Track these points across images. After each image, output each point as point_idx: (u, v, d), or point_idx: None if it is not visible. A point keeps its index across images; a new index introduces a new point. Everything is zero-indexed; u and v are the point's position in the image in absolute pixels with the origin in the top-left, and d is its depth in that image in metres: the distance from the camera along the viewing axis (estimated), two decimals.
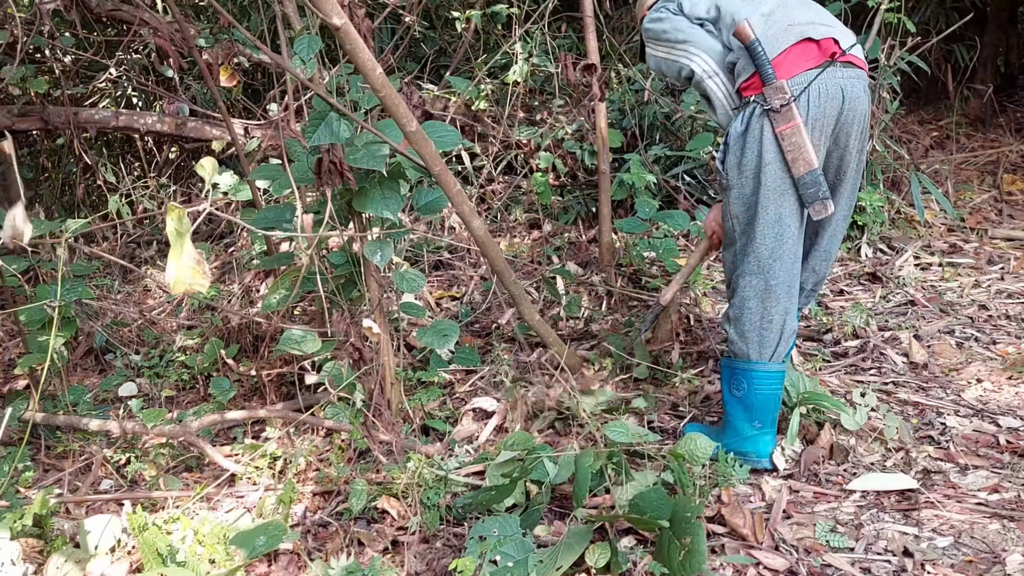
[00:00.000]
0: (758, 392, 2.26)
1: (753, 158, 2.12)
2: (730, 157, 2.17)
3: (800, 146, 2.07)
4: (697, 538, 1.77)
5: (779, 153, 2.09)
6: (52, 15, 3.93)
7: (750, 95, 2.12)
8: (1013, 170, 4.65)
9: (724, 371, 2.33)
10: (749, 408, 2.27)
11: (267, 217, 2.53)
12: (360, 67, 1.91)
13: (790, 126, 2.06)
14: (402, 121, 2.04)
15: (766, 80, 2.07)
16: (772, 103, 2.06)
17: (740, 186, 2.17)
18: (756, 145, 2.11)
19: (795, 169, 2.09)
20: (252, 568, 2.04)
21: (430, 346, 2.61)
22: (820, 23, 2.16)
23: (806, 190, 2.11)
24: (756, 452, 2.28)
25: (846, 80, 2.12)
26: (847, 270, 3.72)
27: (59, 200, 5.03)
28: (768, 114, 2.07)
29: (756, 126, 2.10)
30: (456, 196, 2.28)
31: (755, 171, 2.13)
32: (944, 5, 5.14)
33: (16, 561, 1.84)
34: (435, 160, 2.17)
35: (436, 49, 4.93)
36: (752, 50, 2.08)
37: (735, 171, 2.17)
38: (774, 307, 2.22)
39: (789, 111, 2.06)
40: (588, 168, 4.30)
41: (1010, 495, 2.09)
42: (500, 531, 1.89)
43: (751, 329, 2.24)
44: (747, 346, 2.25)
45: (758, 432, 2.28)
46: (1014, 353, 2.86)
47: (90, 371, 3.37)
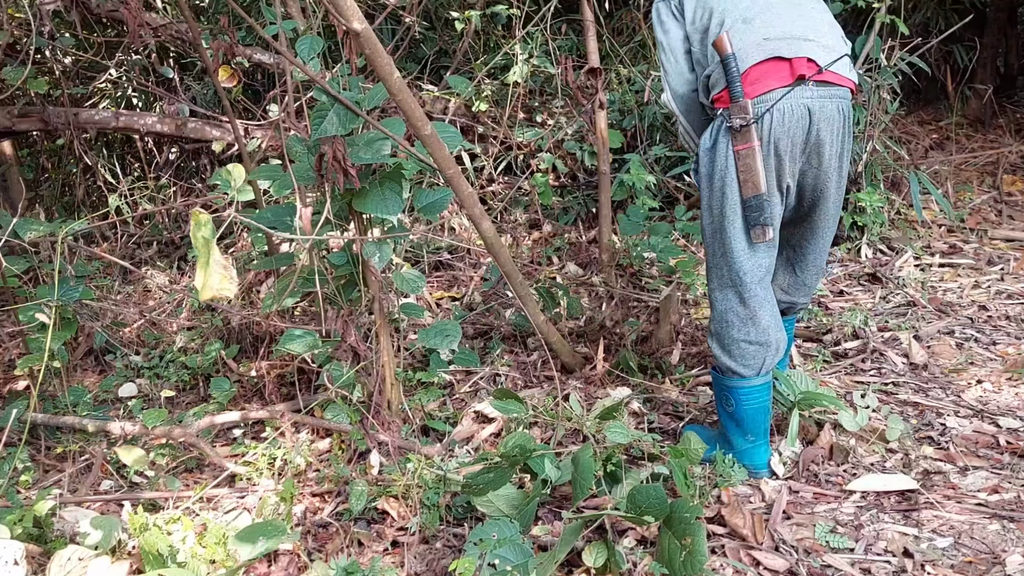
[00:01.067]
0: (747, 408, 2.24)
1: (720, 171, 2.11)
2: (702, 168, 2.18)
3: (751, 168, 2.06)
4: (697, 538, 1.77)
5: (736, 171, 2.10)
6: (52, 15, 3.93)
7: (719, 107, 2.11)
8: (1013, 170, 4.65)
9: (715, 384, 2.32)
10: (740, 423, 2.26)
11: (267, 217, 2.53)
12: (379, 71, 1.91)
13: (746, 147, 2.06)
14: (417, 125, 2.05)
15: (733, 98, 2.05)
16: (733, 122, 2.05)
17: (709, 198, 2.16)
18: (723, 159, 2.10)
19: (744, 190, 2.08)
20: (252, 568, 2.04)
21: (431, 347, 2.61)
22: (800, 37, 2.09)
23: (749, 212, 2.10)
24: (753, 464, 2.28)
25: (815, 100, 2.06)
26: (847, 271, 3.73)
27: (59, 200, 5.03)
28: (730, 132, 2.07)
29: (722, 141, 2.10)
30: (468, 199, 2.28)
31: (721, 185, 2.12)
32: (944, 6, 5.14)
33: (19, 561, 1.84)
34: (448, 163, 2.17)
35: (436, 50, 4.93)
36: (726, 65, 2.05)
37: (705, 183, 2.17)
38: (752, 321, 2.18)
39: (748, 132, 2.05)
40: (588, 168, 4.31)
41: (1010, 495, 2.09)
42: (499, 534, 1.89)
43: (731, 344, 2.20)
44: (731, 361, 2.21)
45: (752, 445, 2.27)
46: (1014, 354, 2.86)
47: (90, 371, 3.37)
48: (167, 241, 4.71)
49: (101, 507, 2.34)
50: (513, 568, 1.79)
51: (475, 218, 2.35)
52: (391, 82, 1.93)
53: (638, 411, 2.65)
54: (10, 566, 1.81)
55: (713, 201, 2.15)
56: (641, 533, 2.01)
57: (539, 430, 2.56)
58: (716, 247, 2.19)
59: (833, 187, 2.20)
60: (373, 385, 2.51)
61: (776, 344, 2.21)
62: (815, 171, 2.15)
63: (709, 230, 2.19)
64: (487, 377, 2.97)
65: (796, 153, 2.10)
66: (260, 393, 2.97)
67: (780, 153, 2.08)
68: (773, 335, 2.20)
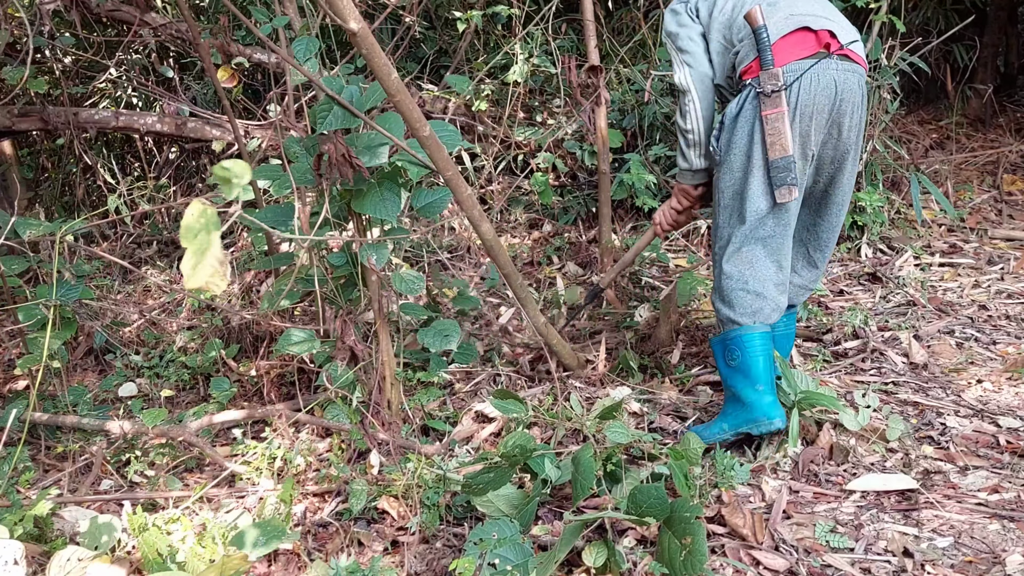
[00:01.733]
0: (752, 354, 2.34)
1: (744, 136, 2.26)
2: (724, 134, 2.32)
3: (780, 132, 2.19)
4: (697, 538, 1.77)
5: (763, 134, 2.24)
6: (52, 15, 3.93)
7: (747, 79, 2.26)
8: (1013, 170, 4.65)
9: (716, 349, 2.42)
10: (747, 372, 2.33)
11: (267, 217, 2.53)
12: (376, 71, 1.92)
13: (775, 111, 2.19)
14: (416, 126, 2.05)
15: (764, 65, 2.20)
16: (764, 87, 2.19)
17: (729, 162, 2.31)
18: (747, 125, 2.25)
19: (771, 152, 2.22)
20: (252, 568, 2.04)
21: (431, 347, 2.61)
22: (821, 15, 2.26)
23: (776, 173, 2.23)
24: (766, 416, 2.30)
25: (840, 72, 2.22)
26: (847, 270, 3.72)
27: (59, 200, 5.03)
28: (759, 97, 2.21)
29: (749, 107, 2.24)
30: (467, 201, 2.30)
31: (746, 149, 2.27)
32: (944, 5, 5.14)
33: (19, 560, 1.84)
34: (447, 165, 2.18)
35: (436, 49, 4.93)
36: (758, 35, 2.20)
37: (727, 147, 2.31)
38: (759, 274, 2.33)
39: (778, 97, 2.19)
40: (588, 168, 4.31)
41: (1010, 495, 2.09)
42: (499, 534, 1.89)
43: (733, 293, 2.35)
44: (732, 311, 2.36)
45: (761, 394, 2.32)
46: (1014, 353, 2.86)
47: (90, 371, 3.37)
48: (167, 241, 4.71)
49: (101, 507, 2.34)
50: (513, 568, 1.79)
51: (474, 220, 2.37)
52: (388, 82, 1.94)
53: (638, 411, 2.65)
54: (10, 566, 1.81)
55: (735, 163, 2.30)
56: (641, 533, 2.01)
57: (539, 430, 2.56)
58: (736, 206, 2.33)
59: (850, 162, 2.37)
60: (373, 385, 2.51)
61: (774, 302, 2.36)
62: (835, 142, 2.30)
63: (729, 192, 2.34)
64: (487, 377, 2.97)
65: (821, 122, 2.24)
66: (260, 393, 2.97)
67: (807, 120, 2.22)
68: (770, 291, 2.34)
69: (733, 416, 2.34)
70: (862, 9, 3.81)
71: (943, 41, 4.47)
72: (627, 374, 2.89)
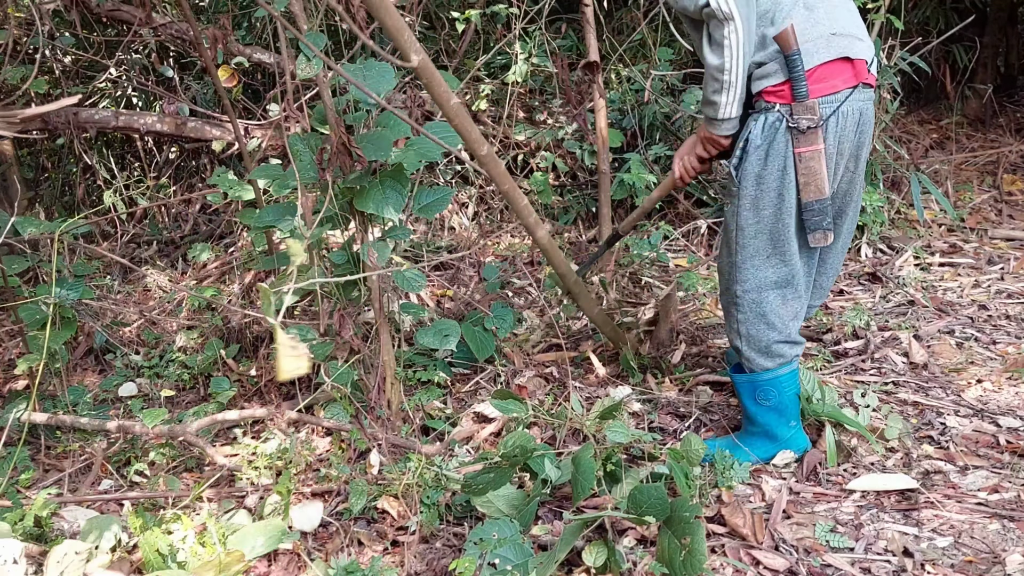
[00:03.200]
0: (787, 393, 2.24)
1: (776, 172, 2.02)
2: (748, 166, 2.05)
3: (816, 172, 1.98)
4: (697, 538, 1.77)
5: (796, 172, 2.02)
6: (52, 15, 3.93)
7: (774, 101, 1.99)
8: (1013, 170, 4.65)
9: (744, 386, 2.28)
10: (782, 412, 2.25)
11: (267, 215, 2.53)
12: (437, 99, 1.97)
13: (812, 149, 1.97)
14: (475, 146, 2.11)
15: (798, 97, 1.95)
16: (799, 122, 1.96)
17: (755, 198, 2.06)
18: (780, 159, 2.00)
19: (804, 194, 2.01)
20: (252, 568, 2.04)
21: (431, 347, 2.61)
22: (858, 36, 2.03)
23: (811, 217, 2.04)
24: (796, 450, 2.30)
25: (865, 103, 2.03)
26: (847, 270, 3.73)
27: (59, 200, 5.03)
28: (791, 132, 1.97)
29: (781, 141, 1.99)
30: (524, 211, 2.32)
31: (778, 186, 2.03)
32: (944, 5, 5.14)
33: (19, 559, 1.84)
34: (504, 179, 2.23)
35: (436, 49, 4.93)
36: (791, 62, 1.93)
37: (752, 182, 2.05)
38: (796, 319, 2.19)
39: (815, 134, 1.96)
40: (588, 168, 4.31)
41: (1010, 495, 2.09)
42: (499, 534, 1.89)
43: (770, 344, 2.18)
44: (770, 360, 2.20)
45: (793, 429, 2.28)
46: (1014, 353, 2.86)
47: (90, 371, 3.37)
48: (167, 240, 4.71)
49: (101, 506, 2.34)
50: (513, 568, 1.79)
51: (530, 227, 2.39)
52: (448, 108, 1.99)
53: (638, 411, 2.65)
54: (9, 565, 1.81)
55: (764, 201, 2.05)
56: (641, 533, 2.01)
57: (539, 430, 2.56)
58: (763, 246, 2.11)
59: (858, 190, 2.19)
60: (373, 384, 2.51)
61: (802, 338, 2.25)
62: (851, 175, 2.12)
63: (752, 230, 2.10)
64: (487, 377, 2.97)
65: (845, 157, 2.06)
66: (260, 393, 2.97)
67: (837, 157, 2.03)
68: (799, 332, 2.24)
69: (761, 448, 2.31)
70: (860, 9, 3.80)
71: (943, 41, 4.47)
72: (627, 374, 2.89)
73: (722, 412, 2.60)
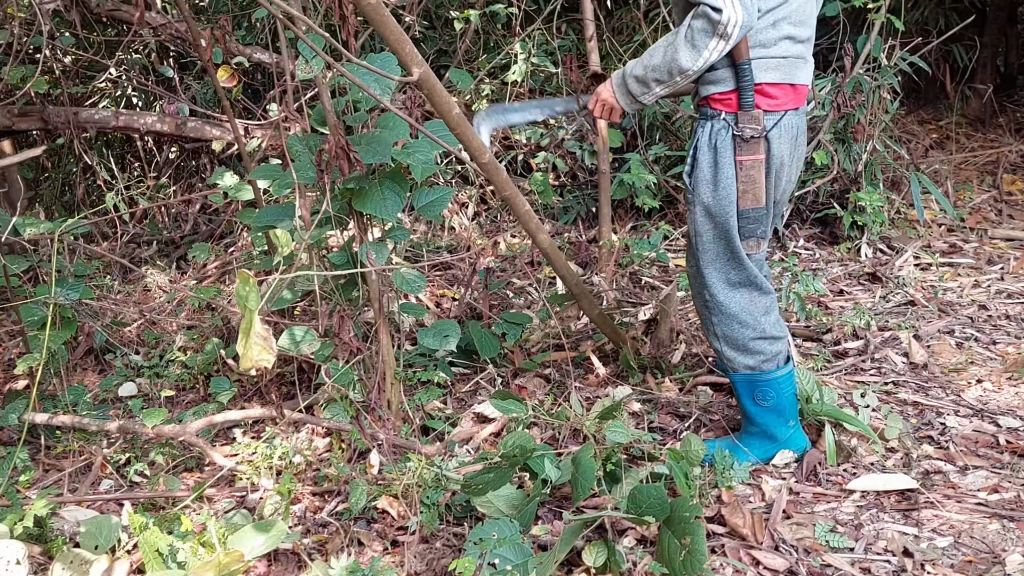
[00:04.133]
0: (785, 393, 2.25)
1: (726, 178, 2.06)
2: (699, 173, 2.09)
3: (755, 180, 2.04)
4: (697, 538, 1.77)
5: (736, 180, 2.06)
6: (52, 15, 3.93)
7: (720, 109, 2.03)
8: (1013, 170, 4.65)
9: (742, 387, 2.27)
10: (781, 412, 2.26)
11: (266, 216, 2.53)
12: (438, 109, 2.00)
13: (752, 159, 2.02)
14: (476, 154, 2.15)
15: (744, 106, 1.99)
16: (744, 131, 2.00)
17: (709, 205, 2.09)
18: (728, 167, 2.05)
19: (743, 201, 2.06)
20: (252, 568, 2.04)
21: (431, 348, 2.61)
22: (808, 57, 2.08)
23: (747, 224, 2.09)
24: (795, 449, 2.31)
25: (800, 120, 2.10)
26: (847, 270, 3.72)
27: (59, 200, 5.03)
28: (735, 139, 2.01)
29: (725, 148, 2.03)
30: (524, 216, 2.36)
31: (727, 192, 2.07)
32: (943, 5, 5.14)
33: (21, 560, 1.84)
34: (506, 185, 2.27)
35: (436, 49, 4.93)
36: (741, 71, 1.97)
37: (707, 188, 2.08)
38: (767, 314, 2.19)
39: (757, 144, 2.01)
40: (588, 168, 4.31)
41: (1010, 495, 2.09)
42: (499, 534, 1.89)
43: (748, 341, 2.19)
44: (753, 359, 2.20)
45: (791, 429, 2.29)
46: (1014, 353, 2.86)
47: (90, 371, 3.37)
48: (167, 240, 4.71)
49: (101, 507, 2.34)
50: (513, 568, 1.79)
51: (531, 232, 2.43)
52: (450, 118, 2.02)
53: (638, 411, 2.65)
54: (12, 566, 1.81)
55: (719, 206, 2.08)
56: (641, 533, 2.01)
57: (538, 430, 2.56)
58: (721, 250, 2.14)
59: (785, 200, 2.27)
60: (373, 384, 2.51)
61: (785, 336, 2.24)
62: (783, 187, 2.18)
63: (711, 234, 2.13)
64: (487, 377, 2.97)
65: (782, 172, 2.12)
66: (260, 393, 2.97)
67: (779, 169, 2.09)
68: (782, 329, 2.23)
69: (760, 448, 2.31)
70: (861, 9, 3.81)
71: (943, 41, 4.47)
72: (627, 374, 2.89)
73: (722, 412, 2.60)
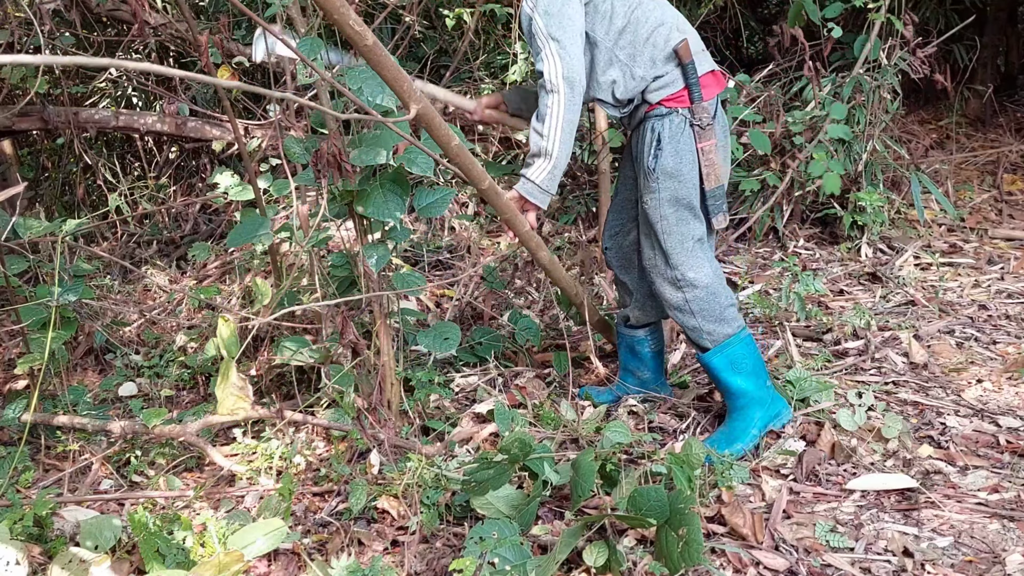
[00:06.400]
0: (754, 353, 2.41)
1: (689, 165, 2.28)
2: (664, 164, 2.27)
3: (715, 163, 2.29)
4: (692, 528, 1.76)
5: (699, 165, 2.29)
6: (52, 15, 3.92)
7: (674, 106, 2.26)
8: (1013, 170, 4.65)
9: (717, 362, 2.39)
10: (758, 373, 2.39)
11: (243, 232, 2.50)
12: (438, 140, 2.02)
13: (710, 144, 2.27)
14: (476, 181, 2.16)
15: (695, 99, 2.25)
16: (700, 119, 2.25)
17: (677, 190, 2.29)
18: (690, 155, 2.27)
19: (707, 183, 2.30)
20: (252, 568, 2.04)
21: (431, 349, 2.61)
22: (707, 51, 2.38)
23: (714, 202, 2.33)
24: (784, 407, 2.43)
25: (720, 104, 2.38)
26: (847, 270, 3.72)
27: (59, 200, 5.03)
28: (694, 129, 2.25)
29: (687, 138, 2.27)
30: (524, 235, 2.39)
31: (692, 178, 2.29)
32: (944, 5, 5.14)
33: (21, 561, 1.84)
34: (506, 208, 2.29)
35: (436, 49, 4.93)
36: (688, 70, 2.24)
37: (666, 177, 2.28)
38: (724, 283, 2.40)
39: (711, 129, 2.27)
40: (588, 168, 4.31)
41: (1010, 495, 2.10)
42: (499, 534, 1.89)
43: (722, 309, 2.36)
44: (727, 327, 2.37)
45: (771, 388, 2.42)
46: (1014, 353, 2.86)
47: (90, 371, 3.37)
48: (167, 240, 4.71)
49: (101, 506, 2.34)
50: (512, 568, 1.79)
51: (532, 250, 2.49)
52: (450, 149, 2.04)
53: (638, 411, 2.65)
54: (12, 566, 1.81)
55: (684, 190, 2.29)
56: (641, 533, 2.01)
57: (537, 431, 2.56)
58: (685, 230, 2.33)
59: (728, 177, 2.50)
60: (373, 385, 2.51)
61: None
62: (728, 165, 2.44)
63: (674, 217, 2.31)
64: (487, 378, 2.97)
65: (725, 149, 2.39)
66: (260, 393, 2.97)
67: (724, 148, 2.36)
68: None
69: (758, 419, 2.38)
70: (861, 9, 3.80)
71: (943, 41, 4.47)
72: None
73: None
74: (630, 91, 2.29)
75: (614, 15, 2.26)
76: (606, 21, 2.26)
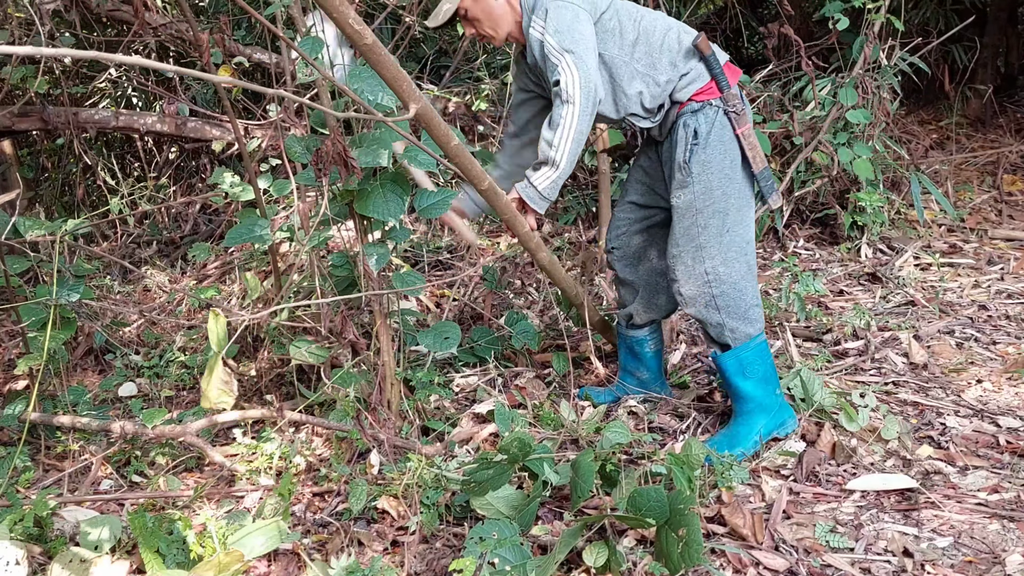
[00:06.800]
0: (767, 360, 2.38)
1: (720, 156, 2.28)
2: (706, 155, 2.28)
3: (755, 145, 2.32)
4: (692, 528, 1.76)
5: (741, 151, 2.31)
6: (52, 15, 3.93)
7: (706, 99, 2.29)
8: (1013, 170, 4.65)
9: (730, 365, 2.37)
10: (768, 380, 2.38)
11: (241, 231, 2.50)
12: (437, 140, 2.04)
13: (747, 128, 2.30)
14: (475, 181, 2.17)
15: (723, 87, 2.29)
16: (734, 107, 2.28)
17: (728, 182, 2.30)
18: (723, 144, 2.28)
19: (755, 165, 2.32)
20: (252, 568, 2.04)
21: (431, 349, 2.61)
22: None
23: (765, 182, 2.35)
24: (791, 417, 2.41)
25: None
26: (847, 270, 3.72)
27: (59, 200, 5.03)
28: (729, 116, 2.28)
29: (721, 127, 2.28)
30: (525, 236, 2.41)
31: (725, 168, 2.29)
32: (944, 6, 5.14)
33: (20, 561, 1.84)
34: (506, 209, 2.30)
35: (436, 49, 4.93)
36: (711, 62, 2.29)
37: (700, 168, 2.29)
38: (754, 283, 2.38)
39: (745, 114, 2.30)
40: (588, 168, 4.30)
41: (1010, 495, 2.10)
42: (499, 534, 1.89)
43: (747, 308, 2.35)
44: (752, 327, 2.35)
45: (780, 396, 2.40)
46: (1014, 353, 2.86)
47: (90, 371, 3.37)
48: (167, 240, 4.71)
49: (101, 507, 2.34)
50: (512, 568, 1.79)
51: (532, 250, 2.50)
52: (449, 149, 2.05)
53: (638, 412, 2.65)
54: (12, 567, 1.81)
55: (735, 184, 2.31)
56: (641, 533, 2.01)
57: (537, 431, 2.56)
58: (720, 223, 2.31)
59: None
60: (373, 385, 2.51)
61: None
62: None
63: (711, 209, 2.30)
64: (487, 378, 2.97)
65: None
66: (260, 393, 2.97)
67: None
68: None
69: (762, 426, 2.37)
70: (861, 9, 3.80)
71: (943, 41, 4.47)
72: None
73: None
74: (658, 98, 2.32)
75: (623, 30, 2.30)
76: (617, 37, 2.30)
